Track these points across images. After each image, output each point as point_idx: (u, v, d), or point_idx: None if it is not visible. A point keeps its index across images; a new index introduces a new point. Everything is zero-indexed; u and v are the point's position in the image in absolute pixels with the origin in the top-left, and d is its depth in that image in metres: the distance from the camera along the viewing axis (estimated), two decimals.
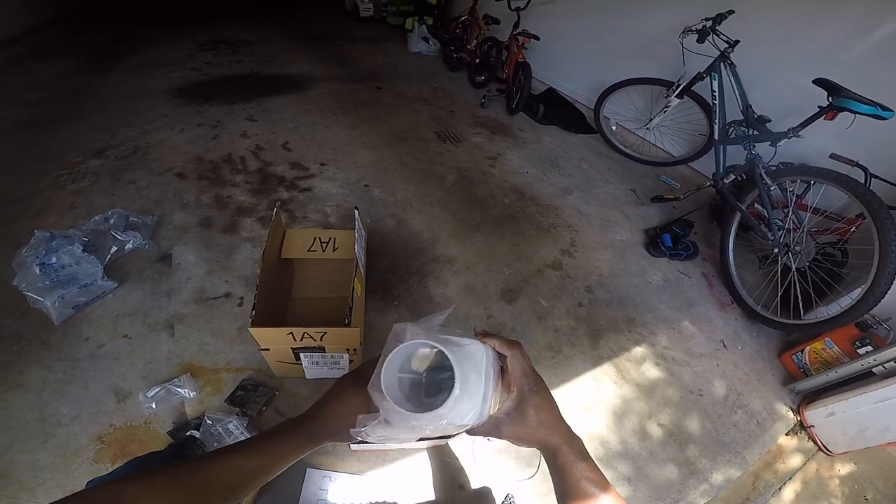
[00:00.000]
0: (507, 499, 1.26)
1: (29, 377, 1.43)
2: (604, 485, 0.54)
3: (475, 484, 1.34)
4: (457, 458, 1.38)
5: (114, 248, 1.81)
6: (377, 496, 1.27)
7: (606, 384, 1.68)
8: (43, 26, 4.68)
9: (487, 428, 0.56)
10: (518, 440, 0.56)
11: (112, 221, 1.88)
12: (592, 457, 0.55)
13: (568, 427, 0.58)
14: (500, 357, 0.60)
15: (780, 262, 1.97)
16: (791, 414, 1.71)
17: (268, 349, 1.32)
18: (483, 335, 0.59)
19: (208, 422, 1.31)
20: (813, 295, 1.89)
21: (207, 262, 1.89)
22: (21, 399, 1.37)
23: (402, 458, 1.36)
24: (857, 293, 1.67)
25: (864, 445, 1.53)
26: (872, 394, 1.48)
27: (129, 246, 1.85)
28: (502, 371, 0.61)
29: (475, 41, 3.96)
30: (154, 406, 1.36)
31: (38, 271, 1.59)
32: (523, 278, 2.05)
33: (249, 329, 1.19)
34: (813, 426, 1.65)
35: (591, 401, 1.62)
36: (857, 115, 1.72)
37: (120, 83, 3.35)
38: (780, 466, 1.56)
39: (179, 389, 1.40)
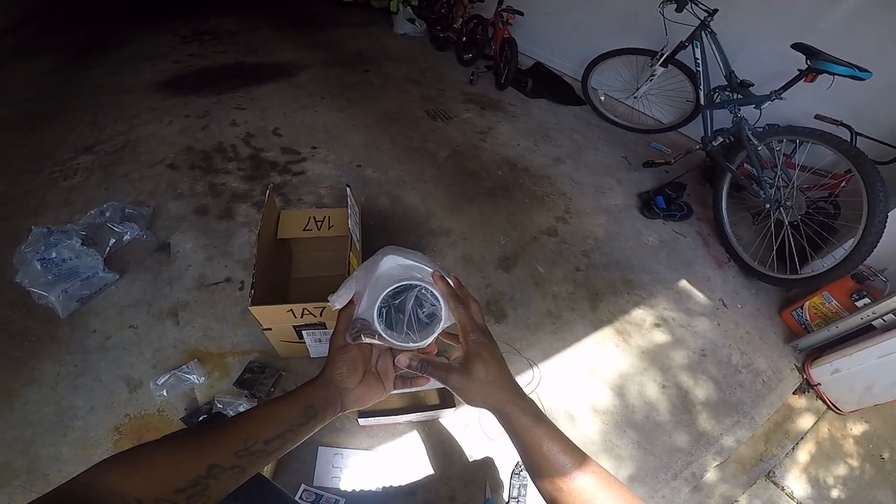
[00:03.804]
0: (518, 467, 1.28)
1: (42, 372, 1.44)
2: (567, 446, 0.51)
3: (484, 455, 1.36)
4: (464, 430, 1.40)
5: (112, 241, 1.82)
6: (388, 474, 1.29)
7: (609, 347, 1.70)
8: (20, 24, 4.56)
9: (440, 373, 0.56)
10: (465, 393, 0.55)
11: (108, 214, 1.89)
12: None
13: (518, 388, 0.55)
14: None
15: (772, 218, 2.01)
16: (797, 372, 1.72)
17: (270, 329, 1.33)
18: (439, 277, 0.58)
19: (219, 406, 1.33)
20: (808, 248, 1.92)
21: (206, 248, 1.90)
22: (37, 394, 1.39)
23: (411, 433, 1.38)
24: (849, 244, 1.70)
25: (873, 402, 1.52)
26: (875, 348, 1.47)
27: (127, 237, 1.85)
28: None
29: (461, 20, 3.93)
30: (165, 393, 1.38)
31: (39, 266, 1.60)
32: (520, 246, 2.07)
33: (250, 308, 1.20)
34: (820, 384, 1.65)
35: (595, 365, 1.64)
36: (836, 76, 1.78)
37: (104, 79, 3.31)
38: (791, 426, 1.57)
39: (188, 376, 1.42)
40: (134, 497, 0.40)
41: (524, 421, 0.52)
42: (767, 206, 2.01)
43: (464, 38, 3.91)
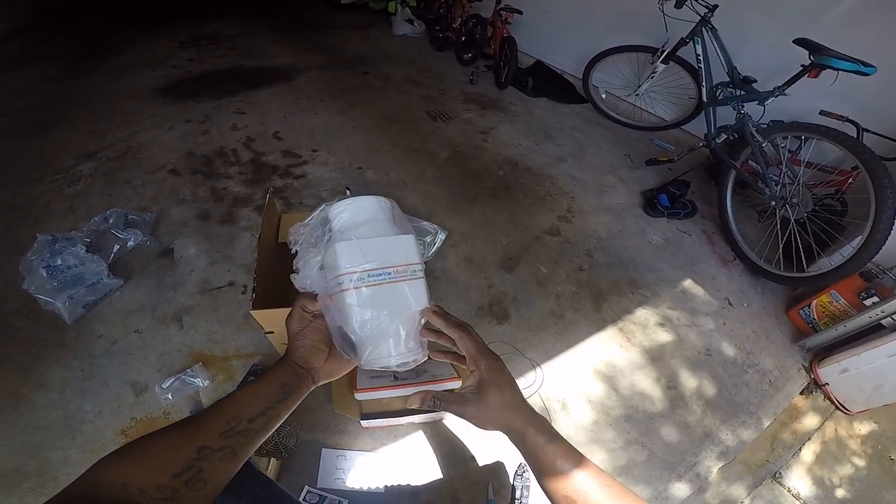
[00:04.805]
0: (521, 468, 1.28)
1: (50, 377, 1.46)
2: (580, 461, 0.52)
3: (486, 457, 1.35)
4: (467, 432, 1.40)
5: (116, 247, 1.83)
6: (391, 475, 1.29)
7: (612, 348, 1.69)
8: (17, 32, 4.58)
9: (455, 406, 0.56)
10: (481, 421, 0.55)
11: (112, 221, 1.89)
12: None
13: (531, 408, 0.56)
14: (443, 338, 0.60)
15: (778, 215, 1.99)
16: (804, 372, 1.70)
17: (272, 332, 1.33)
18: (434, 313, 0.58)
19: None
20: (815, 246, 1.90)
21: (209, 253, 1.91)
22: (45, 398, 1.40)
23: (414, 434, 1.38)
24: (857, 241, 1.68)
25: (882, 403, 1.50)
26: (884, 348, 1.45)
27: (130, 243, 1.86)
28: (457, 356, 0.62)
29: (459, 19, 3.93)
30: (170, 397, 1.39)
31: (44, 274, 1.61)
32: (522, 246, 2.06)
33: (251, 312, 1.20)
34: (827, 384, 1.63)
35: (598, 365, 1.63)
36: (840, 71, 1.76)
37: (103, 85, 3.32)
38: (797, 427, 1.55)
39: (193, 379, 1.43)
40: (135, 487, 0.42)
41: (538, 440, 0.53)
42: (773, 203, 1.99)
43: (463, 38, 3.90)
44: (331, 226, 0.57)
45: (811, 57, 1.82)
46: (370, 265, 0.53)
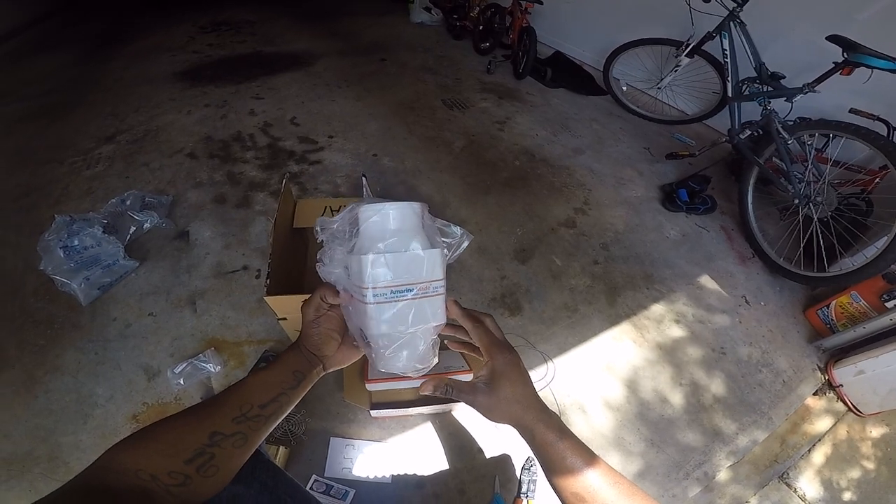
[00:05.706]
0: (528, 462, 1.28)
1: (64, 360, 1.47)
2: (590, 458, 0.51)
3: (494, 449, 1.35)
4: (475, 425, 1.39)
5: (132, 229, 1.84)
6: (399, 466, 1.29)
7: (625, 343, 1.67)
8: (38, 20, 4.65)
9: (466, 395, 0.56)
10: (492, 413, 0.55)
11: (129, 203, 1.91)
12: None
13: (543, 404, 0.55)
14: (461, 330, 0.60)
15: (801, 213, 1.94)
16: (818, 373, 1.67)
17: (285, 318, 1.32)
18: (452, 303, 0.58)
19: None
20: (837, 246, 1.85)
21: (224, 236, 1.92)
22: (59, 382, 1.41)
23: (422, 425, 1.38)
24: (882, 242, 1.63)
25: None
26: None
27: (147, 225, 1.88)
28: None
29: (478, 8, 3.89)
30: (182, 382, 1.39)
31: (62, 254, 1.62)
32: (536, 238, 2.04)
33: (265, 298, 1.19)
34: (842, 385, 1.60)
35: (611, 361, 1.61)
36: (874, 70, 1.70)
37: (123, 70, 3.35)
38: (809, 428, 1.52)
39: (205, 364, 1.43)
40: (148, 473, 0.43)
41: (549, 437, 0.52)
42: (796, 201, 1.94)
43: (481, 27, 3.86)
44: (359, 229, 0.56)
45: (845, 54, 1.76)
46: (394, 282, 0.53)
